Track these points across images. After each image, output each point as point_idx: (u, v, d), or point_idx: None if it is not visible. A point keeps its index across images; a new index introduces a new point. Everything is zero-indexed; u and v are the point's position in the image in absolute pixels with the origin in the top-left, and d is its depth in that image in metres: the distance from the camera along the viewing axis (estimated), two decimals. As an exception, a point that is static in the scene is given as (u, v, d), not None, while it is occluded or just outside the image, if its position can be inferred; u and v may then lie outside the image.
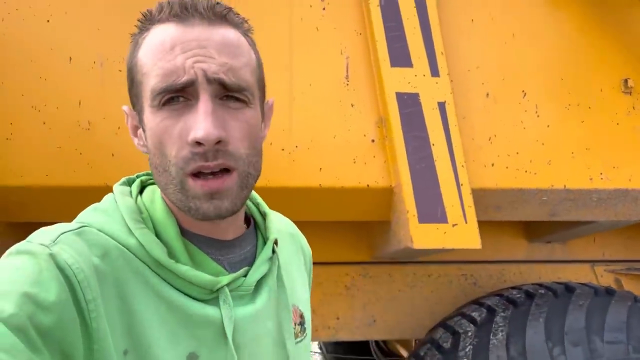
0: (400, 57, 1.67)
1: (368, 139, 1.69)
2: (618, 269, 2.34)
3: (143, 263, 0.70)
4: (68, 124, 1.56)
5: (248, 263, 0.80)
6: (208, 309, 0.72)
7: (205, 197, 0.69)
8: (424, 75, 1.68)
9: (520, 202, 1.78)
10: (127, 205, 0.74)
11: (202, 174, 0.68)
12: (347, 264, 2.22)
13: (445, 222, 1.62)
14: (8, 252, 0.65)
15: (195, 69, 0.67)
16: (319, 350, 4.34)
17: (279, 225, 0.91)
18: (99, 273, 0.66)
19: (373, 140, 1.69)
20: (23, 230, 0.93)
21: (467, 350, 1.66)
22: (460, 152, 1.66)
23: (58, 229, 0.68)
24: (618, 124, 1.80)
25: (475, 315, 1.78)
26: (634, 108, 1.83)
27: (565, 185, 1.75)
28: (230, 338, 0.72)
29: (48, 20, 1.59)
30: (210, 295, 0.73)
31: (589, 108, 1.79)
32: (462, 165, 1.65)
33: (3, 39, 1.58)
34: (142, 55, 0.71)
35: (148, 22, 0.72)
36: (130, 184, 0.80)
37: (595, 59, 1.82)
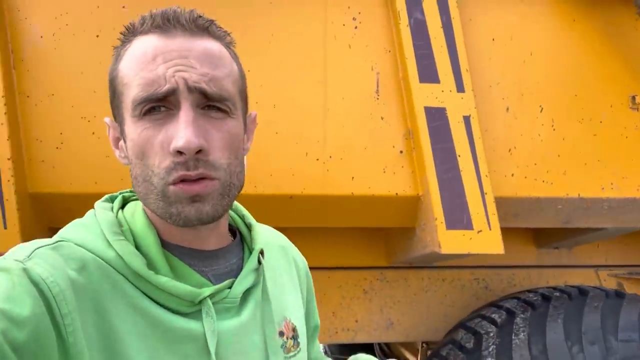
0: (429, 73, 1.78)
1: (396, 150, 1.80)
2: (620, 274, 2.47)
3: (122, 276, 0.68)
4: (116, 135, 1.63)
5: (234, 275, 0.78)
6: (190, 323, 0.70)
7: (187, 200, 0.68)
8: (450, 91, 1.79)
9: (537, 210, 1.90)
10: (106, 219, 0.73)
11: (183, 182, 0.68)
12: (365, 269, 2.31)
13: (471, 228, 1.73)
14: None
15: (177, 78, 0.67)
16: (323, 352, 4.39)
17: (268, 238, 0.89)
18: (76, 286, 0.64)
19: (401, 152, 1.80)
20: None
21: (490, 350, 1.77)
22: (484, 162, 1.77)
23: (34, 245, 0.66)
24: (627, 138, 1.93)
25: (496, 317, 1.89)
26: (641, 123, 1.97)
27: (580, 194, 1.87)
28: (213, 352, 0.70)
29: (97, 35, 1.67)
30: (193, 308, 0.71)
31: (600, 122, 1.92)
32: (485, 175, 1.76)
33: (54, 53, 1.65)
34: (123, 67, 0.71)
35: (130, 34, 0.72)
36: (113, 201, 0.80)
37: (606, 77, 1.95)
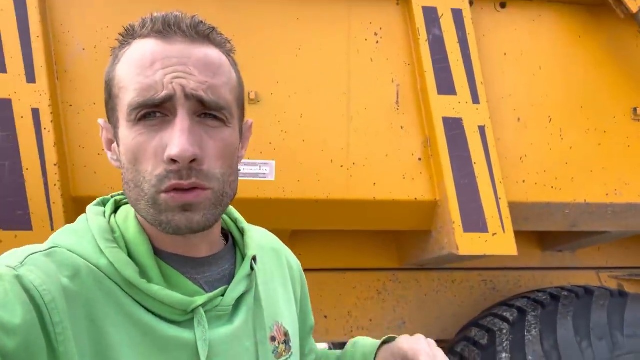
0: (446, 86, 1.90)
1: (415, 158, 1.91)
2: (620, 275, 2.60)
3: (114, 284, 0.68)
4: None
5: (227, 281, 0.77)
6: (182, 332, 0.69)
7: (178, 208, 0.66)
8: (467, 102, 1.90)
9: (547, 214, 2.02)
10: (98, 225, 0.71)
11: (175, 190, 0.67)
12: (378, 270, 2.42)
13: (486, 231, 1.84)
14: None
15: (174, 85, 0.66)
16: (327, 348, 4.50)
17: (261, 241, 0.88)
18: (68, 294, 0.63)
19: (420, 159, 1.91)
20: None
21: (504, 346, 1.88)
22: (499, 169, 1.88)
23: (27, 251, 0.65)
24: (629, 147, 2.05)
25: (507, 315, 2.00)
26: (643, 133, 2.10)
27: (586, 200, 1.99)
28: None
29: (136, 48, 1.76)
30: (185, 317, 0.70)
31: (605, 132, 2.05)
32: (500, 182, 1.88)
33: (96, 64, 1.75)
34: (120, 69, 0.70)
35: (129, 36, 0.71)
36: (105, 204, 0.78)
37: (610, 90, 2.08)
